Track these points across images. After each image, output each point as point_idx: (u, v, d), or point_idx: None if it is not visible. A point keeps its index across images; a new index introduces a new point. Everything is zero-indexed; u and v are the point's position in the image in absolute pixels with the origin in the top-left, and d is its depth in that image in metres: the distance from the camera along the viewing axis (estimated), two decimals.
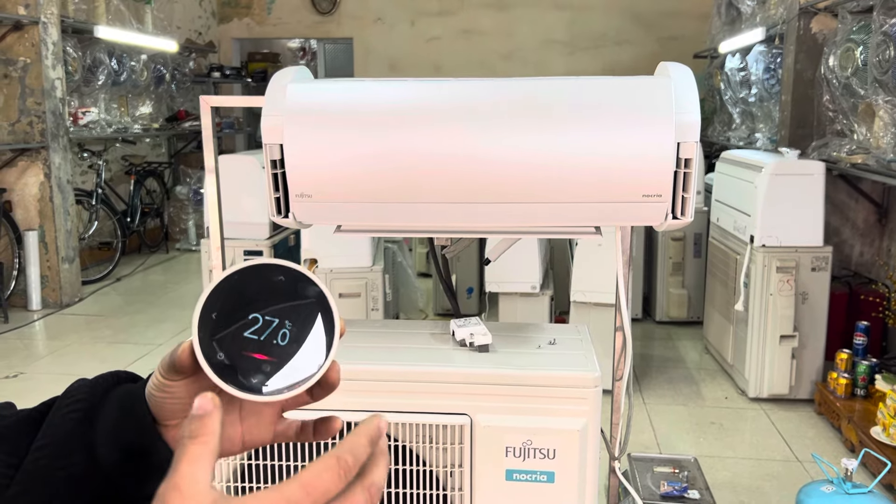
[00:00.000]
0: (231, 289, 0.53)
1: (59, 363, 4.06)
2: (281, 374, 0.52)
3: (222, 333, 0.52)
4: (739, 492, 2.75)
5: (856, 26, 3.58)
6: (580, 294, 3.55)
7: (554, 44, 8.08)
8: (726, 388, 3.74)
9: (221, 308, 0.52)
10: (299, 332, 0.53)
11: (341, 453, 0.48)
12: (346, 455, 0.48)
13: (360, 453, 0.49)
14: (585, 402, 1.32)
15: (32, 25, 4.95)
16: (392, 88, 1.34)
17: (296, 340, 0.53)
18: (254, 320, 0.52)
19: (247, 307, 0.53)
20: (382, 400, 1.33)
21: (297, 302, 0.54)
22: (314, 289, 0.54)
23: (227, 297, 0.53)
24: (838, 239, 4.15)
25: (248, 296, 0.53)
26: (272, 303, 0.53)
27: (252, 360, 0.52)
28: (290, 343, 0.53)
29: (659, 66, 1.42)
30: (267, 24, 8.48)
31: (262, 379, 0.52)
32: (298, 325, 0.53)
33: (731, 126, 5.95)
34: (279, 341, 0.53)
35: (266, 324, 0.53)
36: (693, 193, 1.31)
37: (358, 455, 0.49)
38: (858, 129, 3.63)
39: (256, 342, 0.52)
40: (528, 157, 1.27)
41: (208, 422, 0.46)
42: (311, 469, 0.46)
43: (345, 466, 0.47)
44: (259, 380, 0.52)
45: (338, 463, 0.47)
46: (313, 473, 0.46)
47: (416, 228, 1.39)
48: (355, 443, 0.49)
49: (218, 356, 0.51)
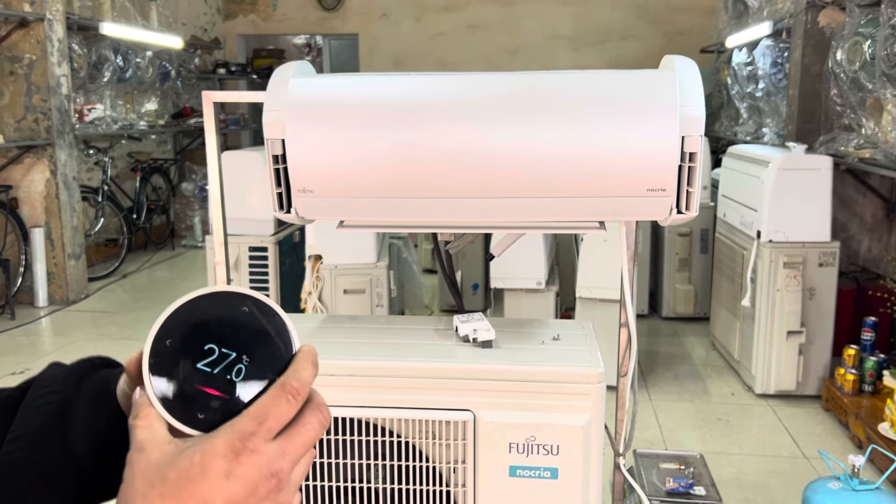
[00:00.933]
0: (190, 315, 0.50)
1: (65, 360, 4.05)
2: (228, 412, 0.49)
3: (174, 362, 0.49)
4: (746, 488, 2.74)
5: (864, 20, 3.55)
6: (586, 290, 3.54)
7: (559, 39, 8.06)
8: (733, 384, 3.73)
9: (178, 334, 0.50)
10: (256, 369, 0.50)
11: (286, 380, 0.49)
12: (290, 381, 0.49)
13: (305, 377, 0.50)
14: (589, 398, 1.31)
15: (38, 22, 4.96)
16: (394, 83, 1.33)
17: (251, 377, 0.50)
18: (209, 351, 0.49)
19: (205, 337, 0.50)
20: (385, 396, 1.33)
21: (258, 336, 0.51)
22: (279, 321, 0.51)
23: (185, 323, 0.50)
24: (846, 234, 4.12)
25: (208, 324, 0.50)
26: (232, 334, 0.50)
27: (201, 394, 0.49)
28: (244, 379, 0.49)
29: (664, 60, 1.41)
30: (272, 20, 8.47)
31: (208, 415, 0.49)
32: (256, 362, 0.50)
33: (738, 121, 5.92)
34: (233, 377, 0.49)
35: (221, 356, 0.49)
36: (698, 188, 1.30)
37: (303, 378, 0.50)
38: (866, 123, 3.61)
39: (208, 375, 0.49)
40: (532, 152, 1.26)
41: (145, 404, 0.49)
42: (260, 401, 0.48)
43: (291, 391, 0.48)
44: (206, 415, 0.49)
45: (283, 390, 0.48)
46: (262, 404, 0.48)
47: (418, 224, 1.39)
48: (298, 368, 0.50)
49: (166, 386, 0.49)
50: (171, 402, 0.49)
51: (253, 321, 0.51)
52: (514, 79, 1.31)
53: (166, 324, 0.50)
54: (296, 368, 0.50)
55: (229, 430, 0.47)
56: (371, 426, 1.33)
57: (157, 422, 0.49)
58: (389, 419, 1.32)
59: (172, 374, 0.49)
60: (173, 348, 0.50)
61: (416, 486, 1.33)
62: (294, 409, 0.49)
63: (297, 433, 0.48)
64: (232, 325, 0.50)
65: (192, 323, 0.50)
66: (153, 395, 0.49)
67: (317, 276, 3.34)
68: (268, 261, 3.74)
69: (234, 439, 0.46)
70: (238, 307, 0.51)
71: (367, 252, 3.40)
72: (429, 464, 1.33)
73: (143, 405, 0.49)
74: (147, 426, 0.48)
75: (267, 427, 0.47)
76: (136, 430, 0.48)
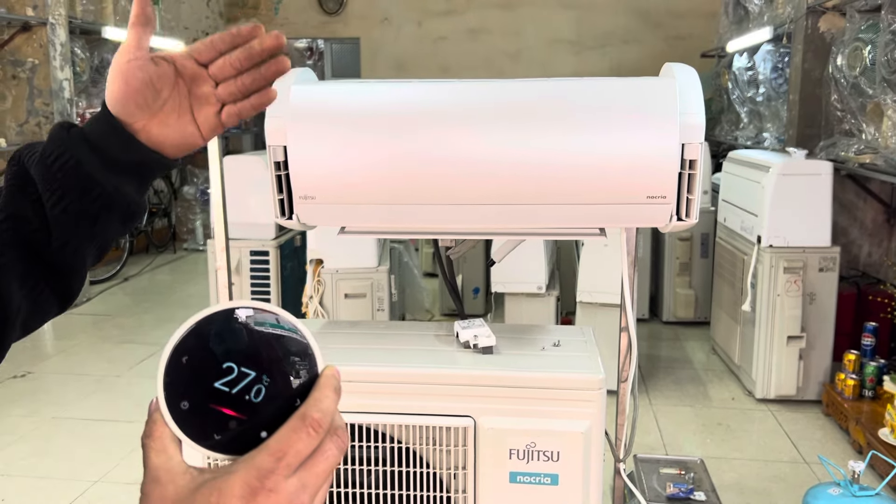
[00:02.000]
0: (208, 332, 0.48)
1: (66, 363, 4.08)
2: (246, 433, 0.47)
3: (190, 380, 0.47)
4: (746, 493, 2.74)
5: (864, 25, 3.56)
6: (586, 294, 3.54)
7: (561, 43, 8.07)
8: (733, 388, 3.73)
9: (195, 351, 0.48)
10: (276, 390, 0.48)
11: (307, 411, 0.47)
12: (312, 412, 0.47)
13: (327, 406, 0.48)
14: (590, 404, 1.31)
15: (40, 26, 4.98)
16: (395, 90, 1.33)
17: (271, 398, 0.47)
18: (227, 370, 0.47)
19: (224, 355, 0.48)
20: (385, 401, 1.33)
21: (280, 355, 0.49)
22: (302, 340, 0.49)
23: (203, 340, 0.48)
24: (846, 239, 4.12)
25: (227, 342, 0.48)
26: (253, 353, 0.48)
27: (219, 414, 0.47)
28: (264, 400, 0.47)
29: (664, 67, 1.41)
30: (274, 24, 8.49)
31: (226, 436, 0.47)
32: (277, 383, 0.48)
33: (739, 126, 5.92)
34: (252, 397, 0.47)
35: (241, 376, 0.47)
36: (698, 195, 1.30)
37: (325, 408, 0.47)
38: (867, 128, 3.61)
39: (226, 395, 0.47)
40: (533, 159, 1.27)
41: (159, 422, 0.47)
42: (279, 434, 0.46)
43: (313, 424, 0.46)
44: (223, 436, 0.47)
45: (304, 423, 0.46)
46: (280, 438, 0.46)
47: (420, 230, 1.39)
48: (320, 397, 0.48)
49: (182, 405, 0.47)
50: (186, 422, 0.47)
51: (274, 340, 0.49)
52: (515, 86, 1.32)
53: (183, 340, 0.48)
54: (317, 397, 0.48)
55: (247, 468, 0.45)
56: (371, 432, 1.33)
57: (170, 444, 0.47)
58: (390, 425, 1.33)
59: (188, 393, 0.47)
60: (190, 366, 0.48)
61: (416, 492, 1.34)
62: (315, 443, 0.46)
63: (317, 463, 0.46)
64: (252, 344, 0.48)
65: (210, 340, 0.48)
66: (167, 413, 0.47)
67: (318, 280, 3.35)
68: (269, 265, 3.75)
69: (251, 478, 0.44)
70: (261, 324, 0.49)
71: (368, 256, 3.41)
72: (429, 470, 1.33)
73: (156, 424, 0.47)
74: (161, 449, 0.47)
75: (286, 463, 0.45)
76: (150, 451, 0.47)
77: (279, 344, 0.49)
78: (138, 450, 0.48)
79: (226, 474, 0.45)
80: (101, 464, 2.94)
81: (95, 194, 0.68)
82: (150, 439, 0.47)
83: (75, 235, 0.69)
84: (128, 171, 0.71)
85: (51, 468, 2.96)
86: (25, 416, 3.42)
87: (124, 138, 0.71)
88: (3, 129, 5.04)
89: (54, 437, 3.24)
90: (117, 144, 0.70)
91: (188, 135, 0.74)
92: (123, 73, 0.70)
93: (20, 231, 0.67)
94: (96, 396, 3.64)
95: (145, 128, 0.72)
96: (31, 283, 0.68)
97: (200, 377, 0.47)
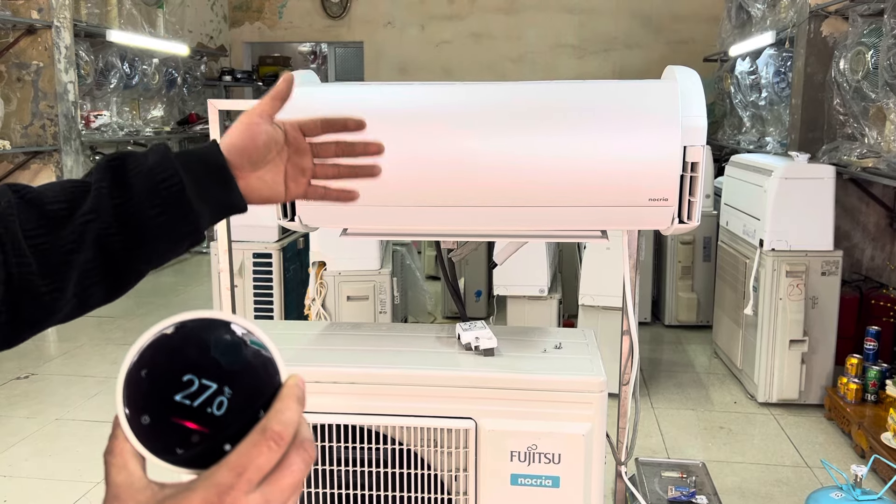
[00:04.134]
0: (167, 344, 0.47)
1: (70, 364, 4.09)
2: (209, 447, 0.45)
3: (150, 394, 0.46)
4: (748, 497, 2.74)
5: (867, 29, 3.56)
6: (588, 297, 3.54)
7: (563, 47, 8.08)
8: (735, 392, 3.73)
9: (154, 364, 0.46)
10: (239, 402, 0.46)
11: (268, 424, 0.45)
12: (273, 425, 0.45)
13: (289, 418, 0.46)
14: (591, 406, 1.31)
15: (45, 29, 5.00)
16: (399, 92, 1.34)
17: (233, 410, 0.46)
18: (188, 383, 0.46)
19: (183, 367, 0.46)
20: (387, 403, 1.34)
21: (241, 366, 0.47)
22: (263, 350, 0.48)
23: (162, 352, 0.47)
24: (849, 243, 4.12)
25: (186, 353, 0.46)
26: (213, 364, 0.46)
27: (180, 428, 0.45)
28: (227, 413, 0.46)
29: (666, 70, 1.42)
30: (278, 28, 8.51)
31: (188, 450, 0.45)
32: (239, 394, 0.46)
33: (741, 130, 5.92)
34: (214, 410, 0.46)
35: (202, 388, 0.46)
36: (700, 197, 1.31)
37: (287, 420, 0.46)
38: (869, 132, 3.61)
39: (187, 408, 0.45)
40: (535, 161, 1.27)
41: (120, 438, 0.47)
42: (239, 449, 0.45)
43: (274, 437, 0.45)
44: (185, 450, 0.45)
45: (264, 436, 0.45)
46: (241, 452, 0.44)
47: (422, 232, 1.40)
48: (281, 408, 0.46)
49: (142, 419, 0.46)
50: (147, 436, 0.46)
51: (235, 350, 0.47)
52: (518, 89, 1.33)
53: (142, 353, 0.47)
54: (278, 409, 0.46)
55: (206, 485, 0.44)
56: (373, 434, 1.34)
57: (131, 460, 0.46)
58: (391, 427, 1.33)
59: (148, 407, 0.46)
60: (150, 379, 0.46)
61: (417, 493, 1.34)
62: (276, 457, 0.45)
63: (281, 477, 0.45)
64: (212, 355, 0.47)
65: (169, 352, 0.47)
66: (128, 429, 0.46)
67: (320, 282, 3.35)
68: (272, 267, 3.76)
69: (210, 495, 0.43)
70: (219, 335, 0.47)
71: (370, 259, 3.41)
72: (430, 471, 1.34)
73: (117, 440, 0.46)
74: (122, 465, 0.46)
75: (246, 479, 0.44)
76: (111, 468, 0.46)
77: (239, 353, 0.47)
78: None
79: (186, 491, 0.44)
80: None
81: (190, 219, 0.75)
82: (111, 455, 0.46)
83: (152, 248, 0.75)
84: (215, 207, 0.79)
85: (54, 469, 2.97)
86: (28, 418, 3.43)
87: (229, 181, 0.79)
88: (8, 131, 5.05)
89: (57, 438, 3.25)
90: (219, 183, 0.78)
91: (276, 193, 0.85)
92: (252, 129, 0.81)
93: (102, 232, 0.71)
94: (99, 398, 3.65)
95: (244, 177, 0.81)
96: (91, 280, 0.72)
97: (160, 391, 0.46)
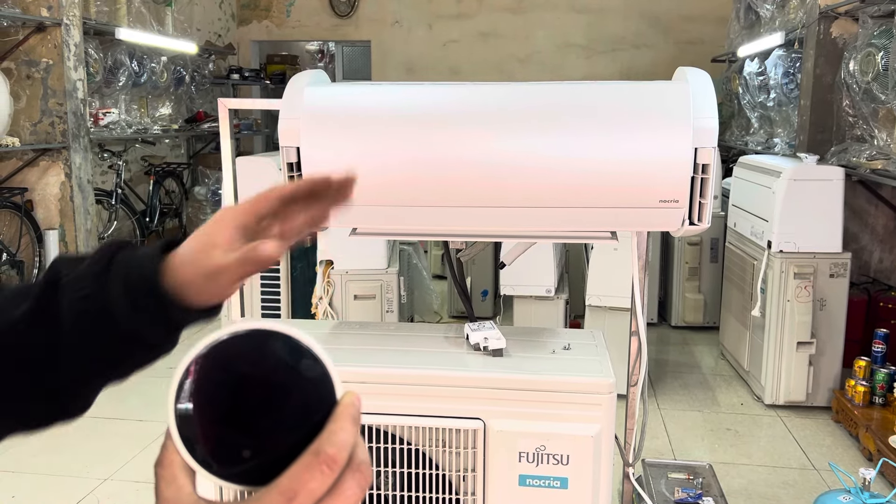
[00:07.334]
0: (222, 357, 0.45)
1: None
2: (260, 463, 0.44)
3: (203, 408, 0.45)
4: (755, 499, 2.73)
5: (877, 31, 3.54)
6: (595, 298, 3.54)
7: (571, 47, 8.07)
8: (742, 394, 3.72)
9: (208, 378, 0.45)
10: (292, 418, 0.45)
11: (321, 446, 0.43)
12: (326, 448, 0.43)
13: (343, 440, 0.44)
14: (600, 408, 1.31)
15: (55, 27, 5.01)
16: (408, 92, 1.34)
17: (287, 426, 0.45)
18: (242, 397, 0.44)
19: (237, 381, 0.45)
20: (395, 403, 1.34)
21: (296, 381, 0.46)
22: (320, 365, 0.46)
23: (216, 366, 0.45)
24: (857, 245, 4.10)
25: (241, 367, 0.45)
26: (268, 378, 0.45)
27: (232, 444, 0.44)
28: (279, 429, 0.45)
29: (677, 71, 1.41)
30: (286, 26, 8.52)
31: (239, 466, 0.44)
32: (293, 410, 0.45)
33: (749, 131, 5.91)
34: (268, 425, 0.44)
35: (254, 402, 0.44)
36: (710, 199, 1.30)
37: (341, 442, 0.43)
38: (878, 134, 3.60)
39: (240, 423, 0.44)
40: (545, 162, 1.27)
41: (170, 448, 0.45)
42: (290, 472, 0.43)
43: (327, 460, 0.43)
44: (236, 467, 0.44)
45: (317, 459, 0.43)
46: (292, 476, 0.42)
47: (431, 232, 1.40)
48: (335, 429, 0.44)
49: (196, 432, 0.45)
50: (198, 451, 0.45)
51: (291, 365, 0.46)
52: (528, 89, 1.33)
53: (195, 366, 0.45)
54: (332, 430, 0.44)
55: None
56: (381, 433, 1.34)
57: (181, 473, 0.45)
58: (400, 426, 1.33)
59: (201, 422, 0.45)
60: (203, 393, 0.45)
61: (425, 493, 1.34)
62: (329, 481, 0.42)
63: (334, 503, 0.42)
64: (267, 368, 0.45)
65: (223, 365, 0.45)
66: (179, 442, 0.45)
67: (328, 281, 3.36)
68: (279, 265, 3.76)
69: None
70: (275, 347, 0.46)
71: (377, 258, 3.42)
72: (439, 472, 1.34)
73: (168, 451, 0.45)
74: (171, 479, 0.45)
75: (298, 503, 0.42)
76: (160, 480, 0.45)
77: (295, 367, 0.46)
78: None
79: None
80: (111, 462, 2.95)
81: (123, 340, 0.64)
82: (161, 467, 0.45)
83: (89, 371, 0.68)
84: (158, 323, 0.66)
85: (60, 466, 2.98)
86: None
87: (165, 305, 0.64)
88: (18, 128, 5.07)
89: (64, 435, 3.26)
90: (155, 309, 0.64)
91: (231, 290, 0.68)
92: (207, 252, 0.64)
93: None
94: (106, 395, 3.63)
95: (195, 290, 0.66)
96: None
97: (213, 405, 0.45)
